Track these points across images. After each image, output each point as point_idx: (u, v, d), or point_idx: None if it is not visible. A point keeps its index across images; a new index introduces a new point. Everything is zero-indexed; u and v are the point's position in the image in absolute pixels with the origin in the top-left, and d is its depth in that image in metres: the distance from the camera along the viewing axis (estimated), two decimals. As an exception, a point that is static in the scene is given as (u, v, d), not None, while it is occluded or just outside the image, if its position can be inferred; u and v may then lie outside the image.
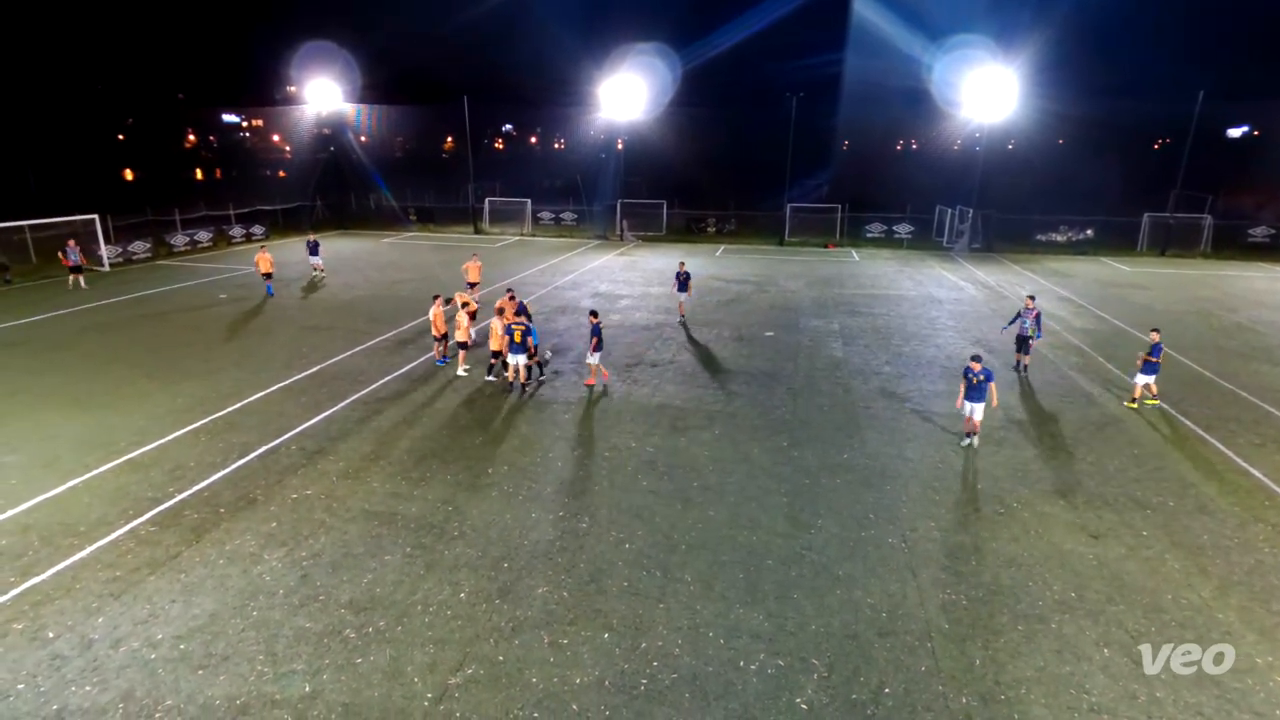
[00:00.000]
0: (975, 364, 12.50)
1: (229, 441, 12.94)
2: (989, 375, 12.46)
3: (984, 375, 12.43)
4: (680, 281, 22.41)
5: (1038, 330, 17.24)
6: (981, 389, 12.49)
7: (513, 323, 15.58)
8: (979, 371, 12.45)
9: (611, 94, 46.85)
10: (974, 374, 12.49)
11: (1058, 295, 27.62)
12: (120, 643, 7.74)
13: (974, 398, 12.60)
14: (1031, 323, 17.17)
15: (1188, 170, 40.03)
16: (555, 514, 10.55)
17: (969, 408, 12.76)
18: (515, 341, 15.39)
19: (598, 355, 15.80)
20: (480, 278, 24.70)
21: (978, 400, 12.61)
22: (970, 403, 12.70)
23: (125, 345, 19.18)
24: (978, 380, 12.46)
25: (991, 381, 12.49)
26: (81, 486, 11.20)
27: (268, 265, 25.88)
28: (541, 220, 48.34)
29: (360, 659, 7.53)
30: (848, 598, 8.68)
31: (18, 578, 8.82)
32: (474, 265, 24.57)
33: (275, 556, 9.37)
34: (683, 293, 22.43)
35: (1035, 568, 9.34)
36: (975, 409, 12.72)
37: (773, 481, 11.71)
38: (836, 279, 31.06)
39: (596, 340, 15.60)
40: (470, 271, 24.41)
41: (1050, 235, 41.48)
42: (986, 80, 40.74)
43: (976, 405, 12.67)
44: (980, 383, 12.46)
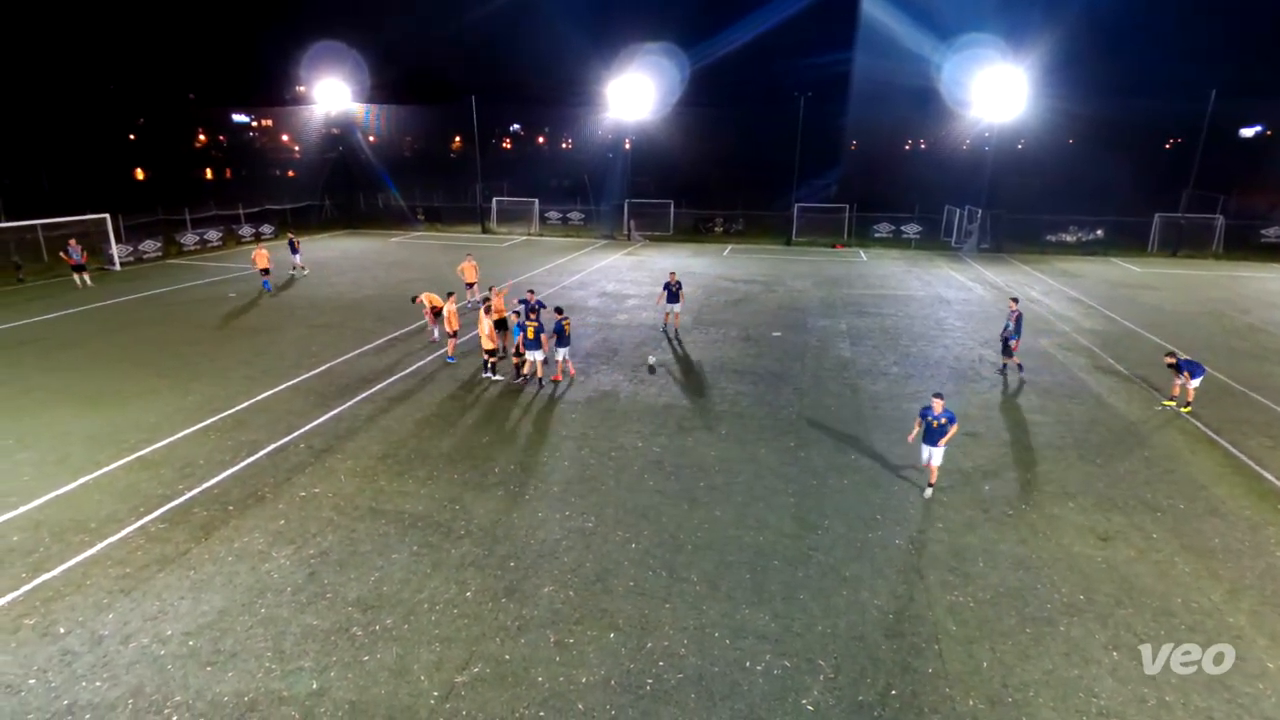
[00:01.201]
0: (937, 402, 10.88)
1: (238, 439, 13.01)
2: (951, 418, 10.80)
3: (945, 418, 10.77)
4: (670, 292, 20.61)
5: (1016, 331, 16.97)
6: (942, 432, 10.79)
7: (524, 321, 15.89)
8: (940, 414, 10.82)
9: (619, 94, 46.84)
10: (933, 415, 10.86)
11: (1067, 296, 27.45)
12: (130, 639, 7.80)
13: (932, 440, 10.94)
14: (1012, 325, 16.98)
15: (1199, 170, 39.72)
16: (562, 513, 10.56)
17: (926, 452, 11.09)
18: (530, 338, 15.68)
19: (564, 350, 16.33)
20: (477, 277, 24.70)
21: (936, 445, 10.94)
22: (928, 446, 11.04)
23: (136, 343, 19.33)
24: (938, 423, 10.80)
25: (953, 425, 10.80)
26: (92, 483, 11.29)
27: (265, 261, 26.62)
28: (549, 220, 48.37)
29: (367, 657, 7.56)
30: (854, 599, 8.65)
31: (29, 574, 8.91)
32: (470, 265, 24.53)
33: (283, 554, 9.42)
34: (674, 303, 20.77)
35: (1043, 570, 9.28)
36: (934, 454, 11.01)
37: (780, 482, 11.68)
38: (844, 279, 30.97)
39: (558, 335, 16.17)
40: (467, 272, 24.38)
41: (1060, 235, 41.20)
42: (996, 79, 40.51)
43: (935, 450, 10.98)
44: (941, 426, 10.78)
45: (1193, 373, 14.58)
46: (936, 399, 10.95)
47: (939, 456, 11.07)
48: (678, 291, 20.79)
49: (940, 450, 11.01)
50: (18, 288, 26.72)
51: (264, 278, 26.56)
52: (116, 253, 31.31)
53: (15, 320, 21.70)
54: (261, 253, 26.91)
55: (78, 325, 21.37)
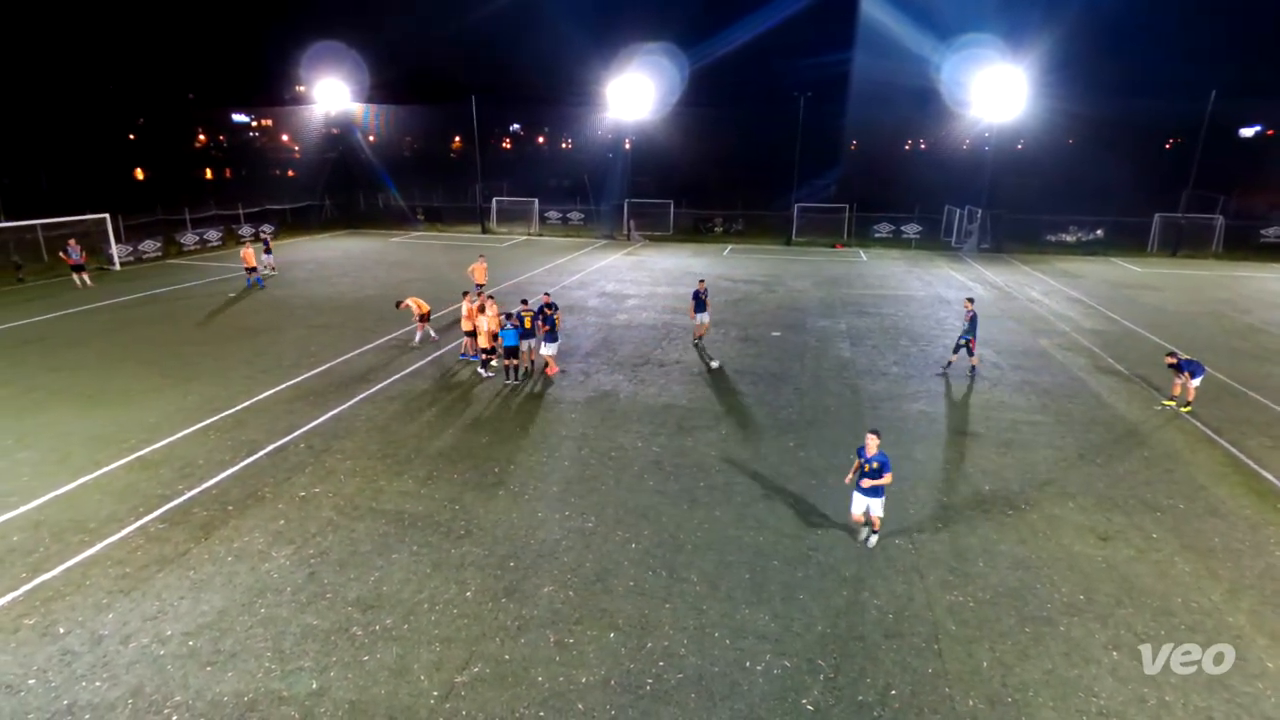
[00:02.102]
0: (871, 440, 9.28)
1: (238, 439, 13.01)
2: (884, 463, 9.17)
3: (879, 462, 9.17)
4: (699, 301, 19.30)
5: (969, 332, 16.81)
6: (874, 478, 9.22)
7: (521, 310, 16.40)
8: (874, 456, 9.21)
9: (619, 94, 46.86)
10: (868, 458, 9.27)
11: (1067, 296, 27.45)
12: (130, 639, 7.80)
13: (869, 491, 9.35)
14: (966, 325, 16.86)
15: (1200, 170, 39.74)
16: (562, 513, 10.56)
17: (861, 503, 9.51)
18: (526, 327, 16.08)
19: (553, 347, 16.61)
20: (486, 279, 24.72)
21: (873, 495, 9.35)
22: (862, 495, 9.45)
23: (136, 343, 19.33)
24: (870, 468, 9.24)
25: (887, 473, 9.17)
26: (92, 483, 11.28)
27: (252, 259, 27.18)
28: (549, 220, 48.39)
29: (367, 657, 7.56)
30: (854, 599, 8.65)
31: (29, 574, 8.90)
32: (480, 267, 24.47)
33: (283, 554, 9.42)
34: (702, 313, 19.38)
35: (1043, 570, 9.28)
36: (871, 505, 9.43)
37: (779, 481, 11.68)
38: (844, 279, 30.98)
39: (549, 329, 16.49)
40: (477, 273, 24.31)
41: (1060, 235, 41.25)
42: (996, 80, 40.55)
43: (873, 500, 9.39)
44: (874, 470, 9.21)
45: (1193, 373, 14.58)
46: (871, 436, 9.31)
47: (878, 508, 9.46)
48: (706, 300, 19.43)
49: (879, 501, 9.42)
50: (18, 287, 26.72)
51: (251, 275, 27.11)
52: (116, 253, 31.32)
53: (15, 320, 21.70)
54: (249, 251, 27.32)
55: (78, 325, 21.36)
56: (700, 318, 19.43)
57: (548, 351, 16.63)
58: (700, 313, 19.35)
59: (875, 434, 9.36)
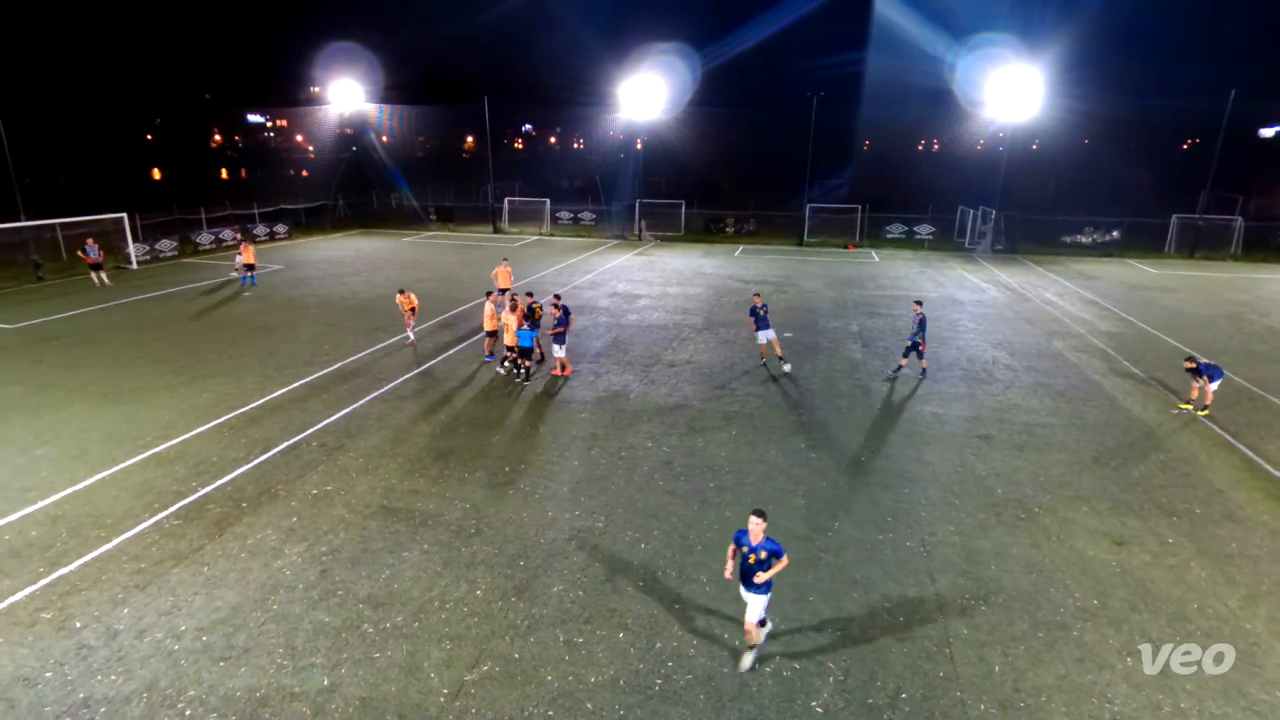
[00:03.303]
0: (755, 524, 6.96)
1: (251, 437, 13.13)
2: (774, 549, 7.02)
3: (767, 550, 7.02)
4: (759, 317, 17.29)
5: (916, 334, 16.56)
6: (762, 568, 7.01)
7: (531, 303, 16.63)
8: (760, 545, 7.00)
9: (631, 94, 46.87)
10: (752, 546, 7.03)
11: (1082, 298, 27.19)
12: (144, 633, 7.89)
13: (748, 581, 7.12)
14: (915, 327, 16.64)
15: (1218, 170, 39.20)
16: (571, 513, 10.58)
17: (746, 603, 7.26)
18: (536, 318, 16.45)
19: (562, 348, 16.60)
20: (510, 283, 23.41)
21: (757, 591, 7.09)
22: (749, 593, 7.17)
23: (152, 341, 19.54)
24: (755, 557, 7.03)
25: (780, 559, 7.02)
26: (109, 479, 11.42)
27: (250, 257, 27.28)
28: (560, 220, 48.49)
29: (378, 654, 7.61)
30: (865, 601, 8.61)
31: (46, 568, 9.03)
32: (504, 270, 23.26)
33: (296, 551, 9.49)
34: (766, 330, 17.33)
35: (1057, 574, 9.20)
36: (750, 602, 7.19)
37: (790, 483, 11.65)
38: (856, 280, 30.83)
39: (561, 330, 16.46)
40: (500, 277, 23.04)
41: (1075, 237, 40.85)
42: (1010, 79, 40.19)
43: (756, 598, 7.14)
44: (760, 561, 7.01)
45: (1211, 376, 14.41)
46: (755, 519, 6.95)
47: (756, 608, 7.15)
48: (766, 315, 17.33)
49: (760, 600, 7.12)
50: (37, 286, 27.10)
51: (248, 273, 27.22)
52: (134, 251, 31.70)
53: (35, 318, 22.00)
54: (248, 248, 27.50)
55: (95, 323, 21.63)
56: (762, 335, 17.36)
57: (558, 354, 16.65)
58: (762, 329, 17.28)
59: (760, 515, 6.96)
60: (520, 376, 16.39)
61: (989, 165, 51.16)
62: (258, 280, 27.65)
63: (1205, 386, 14.52)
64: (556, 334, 16.48)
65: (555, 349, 16.64)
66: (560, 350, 16.63)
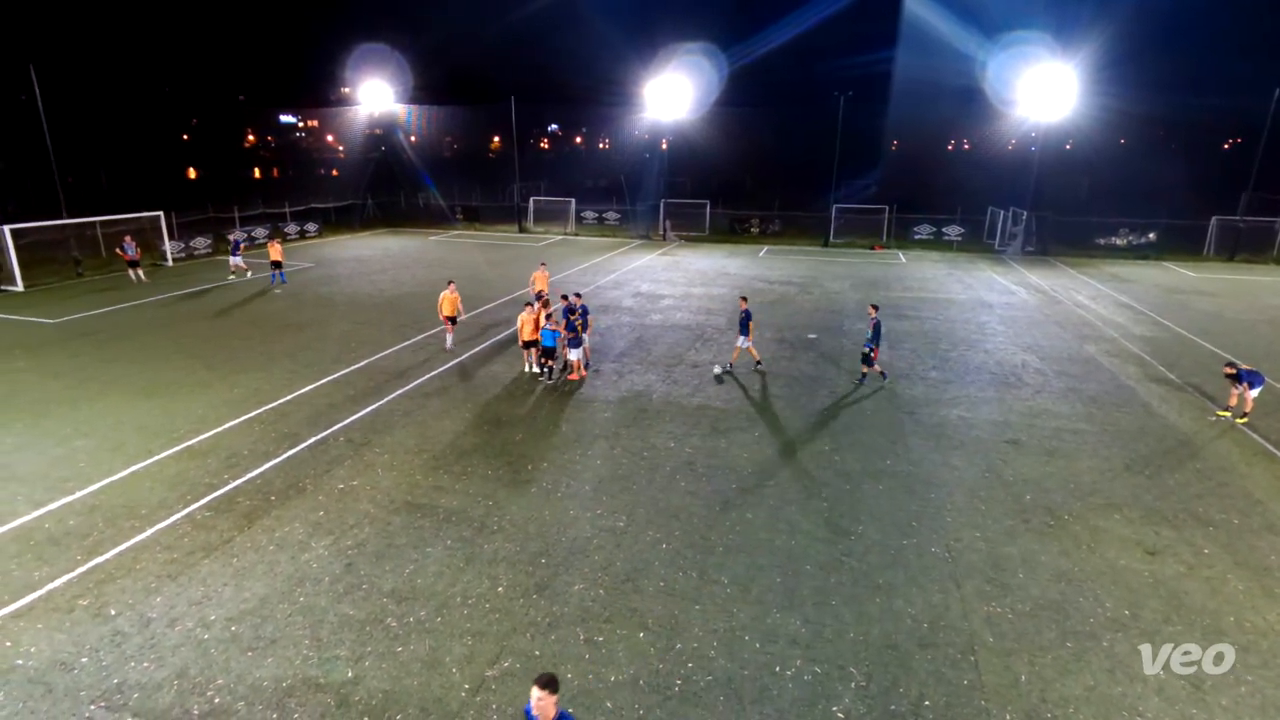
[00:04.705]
0: (542, 700, 4.86)
1: (280, 431, 13.37)
2: None
3: None
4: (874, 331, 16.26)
5: (870, 340, 16.20)
6: None
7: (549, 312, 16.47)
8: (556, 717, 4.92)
9: (657, 94, 46.91)
10: None
11: (1116, 301, 26.58)
12: (176, 622, 8.08)
13: None
14: (869, 332, 16.24)
15: (1260, 170, 38.06)
16: (593, 512, 10.61)
17: None
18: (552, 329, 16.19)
19: (577, 350, 16.46)
20: (548, 286, 21.67)
21: None
22: None
23: (187, 337, 20.00)
24: None
25: None
26: (144, 471, 11.72)
27: (277, 254, 27.78)
28: (585, 220, 48.65)
29: (401, 648, 7.70)
30: (888, 606, 8.51)
31: (84, 556, 9.28)
32: (542, 275, 21.85)
33: (322, 544, 9.65)
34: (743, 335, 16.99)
35: (1086, 583, 9.01)
36: None
37: (813, 485, 11.56)
38: (883, 281, 30.48)
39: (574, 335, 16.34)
40: (538, 281, 21.54)
41: (1110, 239, 39.92)
42: (1044, 77, 39.44)
43: None
44: None
45: (1252, 383, 14.00)
46: (540, 692, 4.85)
47: None
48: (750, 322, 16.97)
49: None
50: (77, 281, 27.89)
51: (276, 271, 27.71)
52: (169, 249, 32.49)
53: (74, 313, 22.65)
54: (275, 246, 28.04)
55: (132, 319, 22.20)
56: (740, 341, 17.19)
57: (572, 356, 16.51)
58: (743, 335, 17.00)
59: (546, 687, 4.86)
60: (545, 375, 16.48)
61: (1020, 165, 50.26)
62: (287, 278, 28.18)
63: (1245, 393, 14.11)
64: (571, 337, 16.30)
65: (570, 352, 16.48)
66: (575, 353, 16.40)
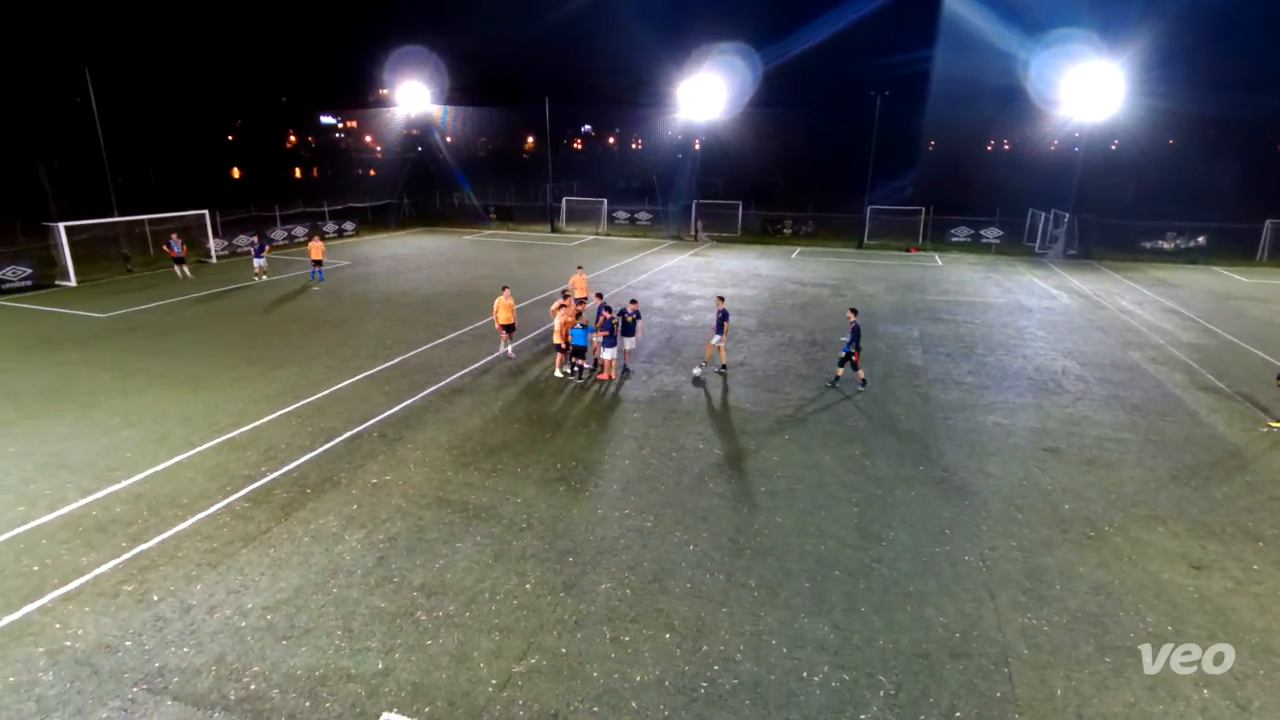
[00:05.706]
0: None
1: (317, 426, 13.66)
2: None
3: None
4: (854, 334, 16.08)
5: (849, 344, 15.81)
6: None
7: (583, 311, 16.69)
8: None
9: (690, 94, 46.78)
10: None
11: (1163, 306, 25.75)
12: (215, 609, 8.30)
13: None
14: (849, 336, 15.84)
15: (1319, 173, 36.53)
16: (621, 511, 10.63)
17: None
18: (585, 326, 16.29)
19: (611, 350, 16.43)
20: (587, 291, 20.94)
21: None
22: None
23: (228, 332, 20.56)
24: None
25: None
26: (187, 462, 12.07)
27: (319, 253, 28.49)
28: (617, 220, 48.76)
29: (430, 641, 7.81)
30: (919, 615, 8.37)
31: (129, 543, 9.60)
32: (580, 279, 21.44)
33: (355, 538, 9.83)
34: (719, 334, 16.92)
35: (1127, 597, 8.74)
36: None
37: (843, 490, 11.42)
38: (918, 284, 29.98)
39: (608, 334, 16.32)
40: (578, 286, 20.99)
41: (1156, 242, 38.65)
42: (1088, 76, 38.36)
43: None
44: None
45: None
46: None
47: None
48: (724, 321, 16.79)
49: None
50: (126, 278, 28.89)
51: (316, 269, 28.43)
52: (213, 246, 33.46)
53: (123, 308, 23.44)
54: (317, 244, 28.73)
55: (177, 314, 22.89)
56: (714, 339, 17.06)
57: (606, 356, 16.56)
58: (717, 333, 16.90)
59: None
60: (576, 374, 16.56)
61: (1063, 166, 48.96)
62: (325, 276, 28.83)
63: None
64: (606, 336, 16.41)
65: (604, 351, 16.56)
66: (609, 353, 16.52)
